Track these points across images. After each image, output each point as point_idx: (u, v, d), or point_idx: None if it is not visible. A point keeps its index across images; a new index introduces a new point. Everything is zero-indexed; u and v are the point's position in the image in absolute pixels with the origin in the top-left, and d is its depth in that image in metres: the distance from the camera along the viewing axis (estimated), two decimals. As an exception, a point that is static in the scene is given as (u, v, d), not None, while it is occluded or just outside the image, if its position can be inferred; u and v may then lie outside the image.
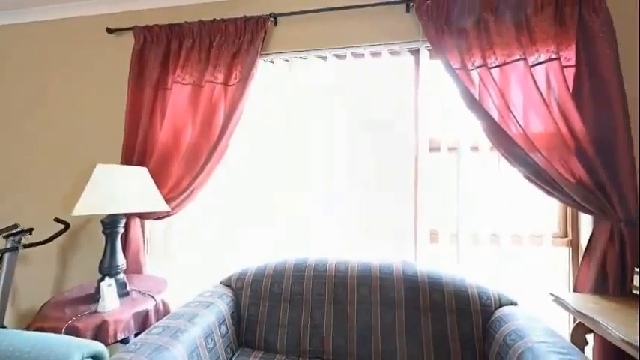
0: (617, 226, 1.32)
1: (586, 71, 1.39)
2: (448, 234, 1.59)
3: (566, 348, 0.95)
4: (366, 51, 1.68)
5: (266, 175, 1.78)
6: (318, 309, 1.35)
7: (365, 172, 1.69)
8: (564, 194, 1.37)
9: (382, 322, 1.28)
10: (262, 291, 1.41)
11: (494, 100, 1.44)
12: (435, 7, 1.52)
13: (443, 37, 1.50)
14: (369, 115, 1.70)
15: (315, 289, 1.37)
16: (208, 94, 1.70)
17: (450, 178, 1.59)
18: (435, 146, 1.62)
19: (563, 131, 1.36)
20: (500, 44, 1.45)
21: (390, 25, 1.65)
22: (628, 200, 1.31)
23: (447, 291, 1.28)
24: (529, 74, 1.40)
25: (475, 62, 1.47)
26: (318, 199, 1.72)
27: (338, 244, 1.68)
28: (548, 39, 1.41)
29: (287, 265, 1.47)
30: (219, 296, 1.35)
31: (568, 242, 1.56)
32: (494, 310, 1.23)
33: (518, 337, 1.04)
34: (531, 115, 1.42)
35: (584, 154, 1.34)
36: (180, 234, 1.86)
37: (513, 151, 1.40)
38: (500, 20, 1.46)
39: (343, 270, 1.40)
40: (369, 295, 1.33)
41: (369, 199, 1.68)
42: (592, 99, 1.38)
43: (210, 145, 1.66)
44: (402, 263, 1.40)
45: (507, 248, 1.52)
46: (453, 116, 1.59)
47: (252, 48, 1.68)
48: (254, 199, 1.79)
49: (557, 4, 1.42)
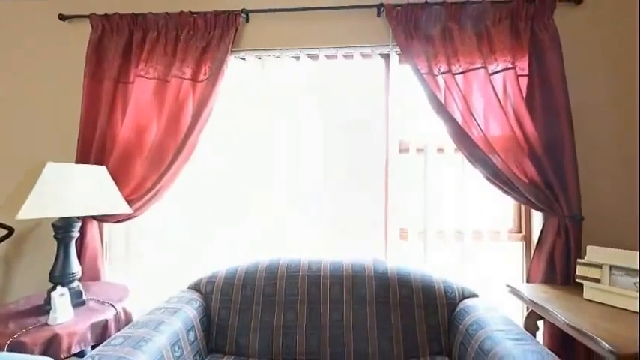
0: (563, 222, 1.46)
1: (537, 80, 1.53)
2: (416, 231, 1.66)
3: (521, 334, 1.03)
4: (338, 52, 1.70)
5: (238, 174, 1.73)
6: (291, 310, 1.34)
7: (338, 172, 1.71)
8: (519, 193, 1.49)
9: (355, 320, 1.31)
10: (233, 294, 1.38)
11: (458, 104, 1.52)
12: (404, 14, 1.58)
13: (412, 42, 1.56)
14: (342, 115, 1.72)
15: (288, 290, 1.37)
16: (175, 89, 1.62)
17: (418, 179, 1.66)
18: (405, 148, 1.68)
19: (518, 135, 1.48)
20: (463, 52, 1.54)
21: (361, 28, 1.68)
22: (572, 198, 1.46)
23: (415, 286, 1.34)
24: (489, 81, 1.50)
25: (441, 68, 1.55)
26: (291, 198, 1.71)
27: (311, 243, 1.69)
28: (505, 49, 1.52)
29: (259, 266, 1.44)
30: (187, 301, 1.30)
31: (522, 237, 1.69)
32: (458, 303, 1.31)
33: (479, 327, 1.11)
34: (490, 119, 1.52)
35: (536, 156, 1.47)
36: (144, 237, 1.75)
37: (475, 153, 1.50)
38: (463, 30, 1.55)
39: (316, 269, 1.41)
40: (342, 294, 1.35)
41: (342, 198, 1.71)
42: (542, 106, 1.51)
43: (178, 143, 1.58)
44: (373, 261, 1.43)
45: (469, 244, 1.62)
46: (421, 119, 1.66)
47: (223, 44, 1.62)
48: (226, 199, 1.74)
49: (512, 18, 1.54)
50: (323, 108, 1.72)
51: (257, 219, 1.72)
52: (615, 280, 1.22)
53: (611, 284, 1.22)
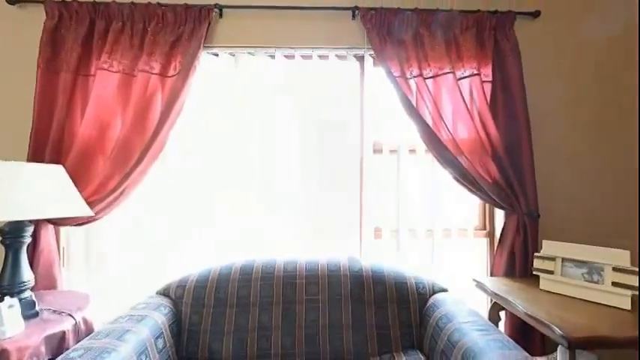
0: (522, 219, 1.57)
1: (500, 86, 1.63)
2: (389, 230, 1.70)
3: (485, 325, 1.10)
4: (314, 53, 1.70)
5: (211, 173, 1.68)
6: (266, 312, 1.32)
7: (313, 172, 1.71)
8: (484, 192, 1.58)
9: (330, 319, 1.32)
10: (206, 298, 1.33)
11: (428, 107, 1.59)
12: (379, 17, 1.61)
13: (385, 46, 1.60)
14: (318, 116, 1.73)
15: (263, 292, 1.35)
16: (142, 84, 1.53)
17: (391, 179, 1.71)
18: (379, 148, 1.72)
19: (483, 137, 1.57)
20: (433, 57, 1.60)
21: (337, 29, 1.70)
22: (529, 197, 1.57)
23: (388, 284, 1.37)
24: (456, 86, 1.58)
25: (413, 72, 1.60)
26: (266, 199, 1.68)
27: (287, 244, 1.67)
28: (471, 57, 1.61)
29: (233, 268, 1.41)
30: (156, 308, 1.23)
31: (486, 234, 1.80)
32: (428, 298, 1.36)
33: (447, 320, 1.17)
34: (458, 122, 1.61)
35: (499, 157, 1.57)
36: (107, 241, 1.64)
37: (444, 154, 1.57)
38: (433, 36, 1.62)
39: (291, 270, 1.40)
40: (318, 293, 1.35)
41: (318, 198, 1.71)
42: (504, 110, 1.62)
43: (145, 141, 1.50)
44: (348, 260, 1.45)
45: (439, 241, 1.69)
46: (394, 120, 1.70)
47: (195, 38, 1.56)
48: (198, 200, 1.68)
49: (477, 27, 1.63)
50: (298, 108, 1.72)
51: (231, 220, 1.68)
52: (567, 272, 1.33)
53: (563, 275, 1.33)
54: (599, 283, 1.24)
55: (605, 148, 1.75)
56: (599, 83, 1.75)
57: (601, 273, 1.24)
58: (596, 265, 1.26)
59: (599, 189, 1.74)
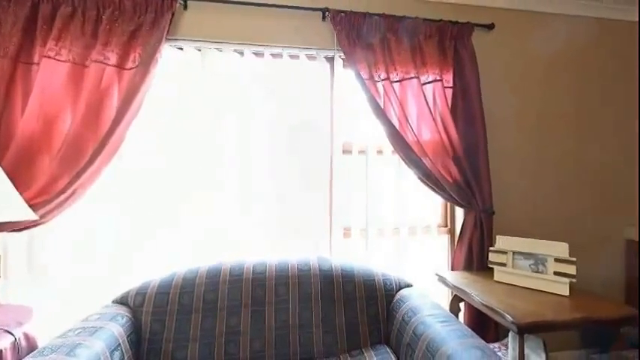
0: (478, 216, 1.69)
1: (460, 92, 1.74)
2: (358, 229, 1.74)
3: (447, 317, 1.16)
4: (284, 52, 1.69)
5: (175, 174, 1.59)
6: (234, 315, 1.28)
7: (283, 172, 1.69)
8: (445, 192, 1.68)
9: (300, 319, 1.31)
10: (169, 304, 1.26)
11: (395, 110, 1.65)
12: (348, 20, 1.64)
13: (354, 48, 1.64)
14: (288, 115, 1.71)
15: (231, 295, 1.31)
16: (96, 76, 1.41)
17: (360, 179, 1.74)
18: (348, 149, 1.75)
19: (444, 140, 1.67)
20: (400, 62, 1.67)
21: (307, 30, 1.70)
22: (485, 195, 1.70)
23: (357, 282, 1.40)
24: (421, 91, 1.66)
25: (380, 75, 1.65)
26: (235, 199, 1.63)
27: (257, 245, 1.64)
28: (434, 63, 1.70)
29: (199, 272, 1.35)
30: (111, 318, 1.14)
31: (448, 231, 1.91)
32: (395, 294, 1.41)
33: (413, 314, 1.22)
34: (422, 125, 1.69)
35: (459, 159, 1.68)
36: (54, 247, 1.49)
37: (409, 155, 1.64)
38: (399, 42, 1.68)
39: (261, 271, 1.38)
40: (288, 294, 1.34)
41: (288, 199, 1.70)
42: (463, 115, 1.73)
43: (99, 138, 1.38)
44: (318, 259, 1.46)
45: (405, 238, 1.76)
46: (362, 121, 1.74)
47: (157, 30, 1.48)
48: (159, 202, 1.58)
49: (440, 35, 1.73)
50: (268, 107, 1.69)
51: (197, 222, 1.60)
52: (517, 264, 1.46)
53: (513, 267, 1.46)
54: (544, 272, 1.38)
55: (549, 151, 1.94)
56: (544, 91, 1.94)
57: (545, 264, 1.38)
58: (540, 257, 1.39)
59: (544, 188, 1.92)
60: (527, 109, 1.92)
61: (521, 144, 1.91)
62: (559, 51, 1.95)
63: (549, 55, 1.94)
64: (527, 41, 1.92)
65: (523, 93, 1.91)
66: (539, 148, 1.93)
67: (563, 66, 1.96)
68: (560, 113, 1.95)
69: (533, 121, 1.92)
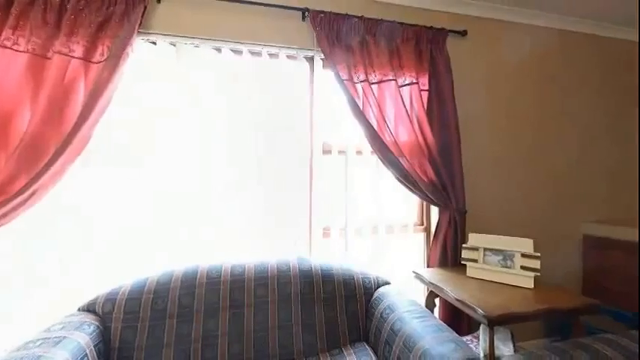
0: (452, 215, 1.76)
1: (435, 95, 1.80)
2: (337, 228, 1.75)
3: (423, 312, 1.20)
4: (263, 50, 1.67)
5: (148, 173, 1.52)
6: (212, 318, 1.25)
7: (262, 172, 1.67)
8: (421, 191, 1.73)
9: (280, 320, 1.30)
10: (142, 310, 1.21)
11: (373, 111, 1.67)
12: (328, 21, 1.65)
13: (334, 49, 1.65)
14: (267, 115, 1.69)
15: (208, 298, 1.27)
16: (59, 69, 1.32)
17: (339, 179, 1.76)
18: (328, 149, 1.76)
19: (420, 141, 1.72)
20: (378, 64, 1.70)
21: (287, 29, 1.69)
22: (459, 195, 1.77)
23: (337, 281, 1.42)
24: (398, 93, 1.70)
25: (360, 77, 1.67)
26: (211, 200, 1.59)
27: (235, 247, 1.61)
28: (411, 66, 1.75)
29: (174, 275, 1.30)
30: (77, 327, 1.07)
31: (424, 229, 1.97)
32: (374, 292, 1.44)
33: (390, 311, 1.25)
34: (400, 126, 1.73)
35: (434, 159, 1.74)
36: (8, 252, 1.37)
37: (387, 155, 1.67)
38: (378, 44, 1.71)
39: (240, 273, 1.35)
40: (267, 295, 1.33)
41: (267, 199, 1.68)
42: (438, 117, 1.79)
43: (63, 136, 1.29)
44: (298, 259, 1.46)
45: (383, 237, 1.80)
46: (342, 122, 1.75)
47: (127, 22, 1.40)
48: (130, 202, 1.51)
49: (416, 40, 1.78)
50: (247, 105, 1.66)
51: (171, 224, 1.54)
52: (487, 260, 1.53)
53: (485, 263, 1.53)
54: (511, 267, 1.46)
55: (516, 154, 2.05)
56: (512, 96, 2.05)
57: (512, 259, 1.46)
58: (508, 253, 1.48)
59: (512, 188, 2.04)
60: (496, 113, 2.02)
61: (491, 146, 2.01)
62: (525, 59, 2.08)
63: (516, 62, 2.06)
64: (497, 48, 2.02)
65: (493, 97, 2.02)
66: (507, 150, 2.04)
67: (528, 73, 2.09)
68: (525, 117, 2.08)
69: (501, 125, 2.03)
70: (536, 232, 1.96)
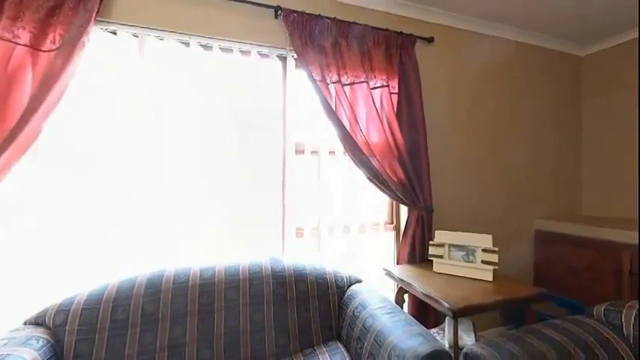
0: (420, 213, 1.84)
1: (404, 98, 1.87)
2: (310, 228, 1.76)
3: (393, 308, 1.24)
4: (234, 47, 1.62)
5: (106, 173, 1.42)
6: (179, 325, 1.20)
7: (234, 172, 1.63)
8: (391, 191, 1.79)
9: (251, 322, 1.28)
10: (100, 320, 1.12)
11: (346, 112, 1.70)
12: (301, 21, 1.65)
13: (307, 49, 1.65)
14: (239, 114, 1.64)
15: (175, 304, 1.22)
16: (1, 56, 1.18)
17: (312, 179, 1.76)
18: (301, 149, 1.75)
19: (390, 142, 1.78)
20: (350, 66, 1.73)
21: (259, 26, 1.66)
22: (426, 194, 1.85)
23: (310, 280, 1.42)
24: (369, 95, 1.74)
25: (332, 78, 1.69)
26: (178, 201, 1.52)
27: (205, 250, 1.55)
28: (382, 69, 1.80)
29: (137, 282, 1.23)
30: (23, 342, 0.97)
31: (394, 227, 2.04)
32: (346, 290, 1.46)
33: (362, 308, 1.28)
34: (371, 127, 1.77)
35: (403, 160, 1.80)
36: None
37: (359, 156, 1.71)
38: (350, 46, 1.74)
39: (209, 276, 1.31)
40: (238, 298, 1.30)
41: (239, 200, 1.64)
42: (407, 119, 1.86)
43: (6, 130, 1.16)
44: (270, 261, 1.44)
45: (355, 236, 1.83)
46: (315, 122, 1.76)
47: (84, 9, 1.29)
48: (87, 204, 1.39)
49: (386, 44, 1.83)
50: (216, 103, 1.61)
51: (133, 227, 1.45)
52: (452, 255, 1.62)
53: (449, 258, 1.62)
54: (473, 262, 1.55)
55: (476, 155, 2.20)
56: (472, 101, 2.19)
57: (474, 254, 1.56)
58: (470, 248, 1.57)
59: (473, 187, 2.18)
60: (458, 117, 2.14)
61: (454, 148, 2.13)
62: (485, 66, 2.23)
63: (477, 69, 2.20)
64: (460, 56, 2.15)
65: (456, 102, 2.14)
66: (468, 151, 2.17)
67: (487, 80, 2.24)
68: (484, 122, 2.23)
69: (463, 128, 2.16)
70: (494, 228, 2.11)
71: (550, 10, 2.01)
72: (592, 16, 2.07)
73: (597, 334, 1.03)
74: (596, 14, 2.05)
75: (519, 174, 2.33)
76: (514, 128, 2.33)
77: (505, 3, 1.95)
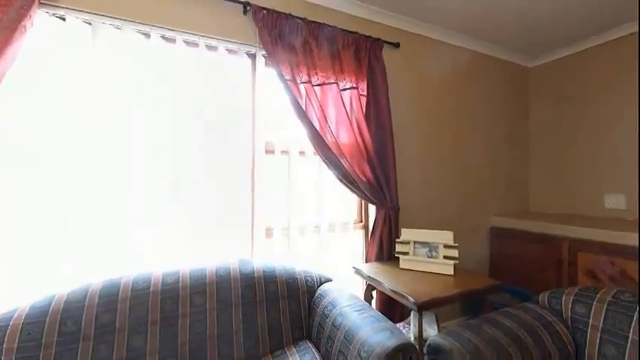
0: (388, 212, 1.90)
1: (372, 100, 1.92)
2: (280, 228, 1.74)
3: (362, 305, 1.27)
4: (200, 41, 1.56)
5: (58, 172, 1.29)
6: (138, 335, 1.12)
7: (200, 172, 1.56)
8: (360, 190, 1.83)
9: (219, 327, 1.24)
10: (45, 335, 1.02)
11: (316, 112, 1.71)
12: (271, 19, 1.62)
13: (277, 48, 1.63)
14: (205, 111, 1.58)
15: (134, 313, 1.14)
16: None
17: (282, 179, 1.75)
18: (271, 149, 1.73)
19: (360, 143, 1.82)
20: (321, 67, 1.74)
21: (227, 21, 1.61)
22: (393, 193, 1.92)
23: (279, 281, 1.40)
24: (339, 96, 1.77)
25: (302, 78, 1.69)
26: (137, 203, 1.42)
27: (170, 254, 1.47)
28: (351, 72, 1.84)
29: (90, 291, 1.13)
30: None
31: (362, 226, 2.09)
32: (316, 289, 1.47)
33: (332, 307, 1.29)
34: (341, 128, 1.80)
35: (372, 161, 1.85)
36: None
37: (329, 156, 1.73)
38: (320, 47, 1.76)
39: (173, 281, 1.24)
40: (205, 303, 1.25)
41: (206, 201, 1.57)
42: (375, 121, 1.92)
43: None
44: (239, 263, 1.40)
45: (325, 235, 1.85)
46: (285, 122, 1.75)
47: (24, -10, 1.16)
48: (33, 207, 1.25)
49: (356, 47, 1.87)
50: (182, 99, 1.53)
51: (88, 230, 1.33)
52: (417, 252, 1.70)
53: (415, 255, 1.69)
54: (436, 257, 1.64)
55: (438, 156, 2.32)
56: (435, 105, 2.31)
57: (437, 250, 1.65)
58: (434, 244, 1.66)
59: (436, 186, 2.30)
60: (422, 120, 2.25)
61: (419, 149, 2.23)
62: (446, 73, 2.36)
63: (439, 75, 2.33)
64: (424, 61, 2.26)
65: (420, 105, 2.24)
66: (431, 153, 2.29)
67: (448, 85, 2.38)
68: (446, 125, 2.36)
69: (427, 131, 2.27)
70: (455, 225, 2.25)
71: (502, 24, 2.19)
72: (538, 31, 2.29)
73: (541, 319, 1.14)
74: (542, 30, 2.27)
75: (477, 174, 2.51)
76: (472, 132, 2.50)
77: (464, 16, 2.08)
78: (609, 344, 1.04)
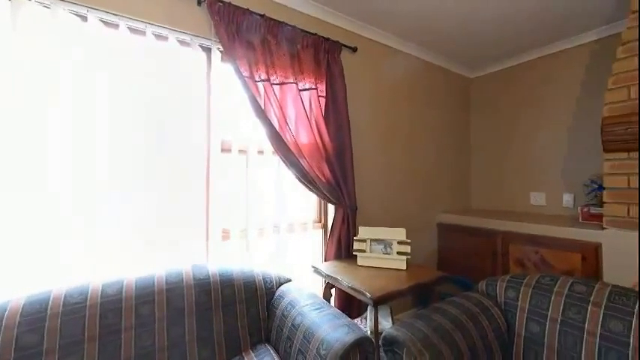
0: (346, 211, 1.95)
1: (331, 101, 1.96)
2: (238, 230, 1.68)
3: (321, 304, 1.28)
4: (147, 29, 1.44)
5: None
6: (72, 356, 1.00)
7: (148, 171, 1.44)
8: (319, 190, 1.85)
9: (169, 338, 1.16)
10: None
11: (275, 111, 1.68)
12: (227, 12, 1.56)
13: (234, 43, 1.57)
14: (153, 106, 1.46)
15: (66, 330, 1.01)
16: None
17: (239, 179, 1.69)
18: (227, 147, 1.66)
19: (319, 143, 1.84)
20: (280, 66, 1.72)
21: (178, 10, 1.51)
22: (351, 193, 1.98)
23: (237, 284, 1.36)
24: (299, 96, 1.76)
25: (261, 76, 1.65)
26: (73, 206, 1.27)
27: (112, 263, 1.32)
28: (310, 72, 1.85)
29: (10, 308, 0.98)
30: None
31: (322, 226, 2.11)
32: (275, 290, 1.45)
33: (291, 307, 1.29)
34: (300, 128, 1.80)
35: (330, 161, 1.88)
36: None
37: (288, 156, 1.71)
38: (279, 46, 1.74)
39: (114, 292, 1.13)
40: (153, 314, 1.15)
41: (155, 201, 1.45)
42: (333, 122, 1.96)
43: None
44: (192, 267, 1.33)
45: (285, 236, 1.83)
46: (243, 120, 1.69)
47: None
48: None
49: (315, 48, 1.89)
50: (126, 92, 1.39)
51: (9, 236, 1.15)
52: (373, 249, 1.77)
53: (371, 252, 1.76)
54: (391, 254, 1.73)
55: (392, 157, 2.45)
56: (389, 109, 2.44)
57: (391, 246, 1.74)
58: (388, 241, 1.75)
59: (390, 186, 2.42)
60: (378, 123, 2.36)
61: (374, 150, 2.33)
62: (399, 78, 2.50)
63: (393, 81, 2.46)
64: (380, 66, 2.36)
65: (375, 109, 2.34)
66: (385, 154, 2.40)
67: (401, 91, 2.52)
68: (399, 128, 2.50)
69: (382, 133, 2.38)
70: (407, 222, 2.39)
71: (448, 37, 2.38)
72: (478, 44, 2.54)
73: (480, 305, 1.27)
74: (482, 44, 2.53)
75: (426, 174, 2.70)
76: (422, 134, 2.68)
77: (414, 27, 2.22)
78: (533, 322, 1.20)
